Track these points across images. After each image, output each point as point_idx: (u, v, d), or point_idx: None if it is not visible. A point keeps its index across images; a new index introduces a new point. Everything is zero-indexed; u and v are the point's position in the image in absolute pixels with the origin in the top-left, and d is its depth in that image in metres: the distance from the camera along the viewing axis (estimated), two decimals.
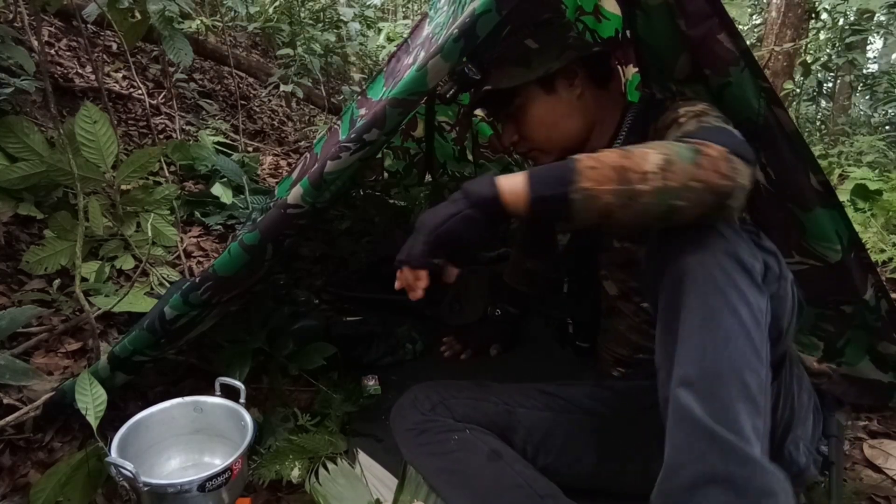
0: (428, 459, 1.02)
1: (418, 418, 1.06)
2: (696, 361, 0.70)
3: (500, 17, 0.87)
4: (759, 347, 0.72)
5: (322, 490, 1.06)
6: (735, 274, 0.73)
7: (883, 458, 1.18)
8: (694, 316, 0.72)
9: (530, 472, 0.98)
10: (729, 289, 0.72)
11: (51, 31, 2.73)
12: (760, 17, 7.79)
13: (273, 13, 3.68)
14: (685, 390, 0.69)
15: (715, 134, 0.81)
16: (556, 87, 1.05)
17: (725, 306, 0.71)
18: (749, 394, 0.69)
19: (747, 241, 0.78)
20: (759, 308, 0.74)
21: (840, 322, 1.14)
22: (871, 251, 2.22)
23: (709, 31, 0.92)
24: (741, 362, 0.70)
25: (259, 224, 1.02)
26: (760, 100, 0.95)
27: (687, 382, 0.70)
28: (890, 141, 4.68)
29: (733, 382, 0.68)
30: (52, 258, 1.51)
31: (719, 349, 0.70)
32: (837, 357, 1.19)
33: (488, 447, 1.00)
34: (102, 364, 1.09)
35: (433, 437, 1.03)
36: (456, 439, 1.01)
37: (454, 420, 1.05)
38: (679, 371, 0.71)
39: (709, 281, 0.72)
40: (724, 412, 0.67)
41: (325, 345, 1.41)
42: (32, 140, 1.55)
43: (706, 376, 0.69)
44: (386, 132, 0.96)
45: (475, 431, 1.03)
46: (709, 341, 0.70)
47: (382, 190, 2.33)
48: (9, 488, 1.02)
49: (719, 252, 0.74)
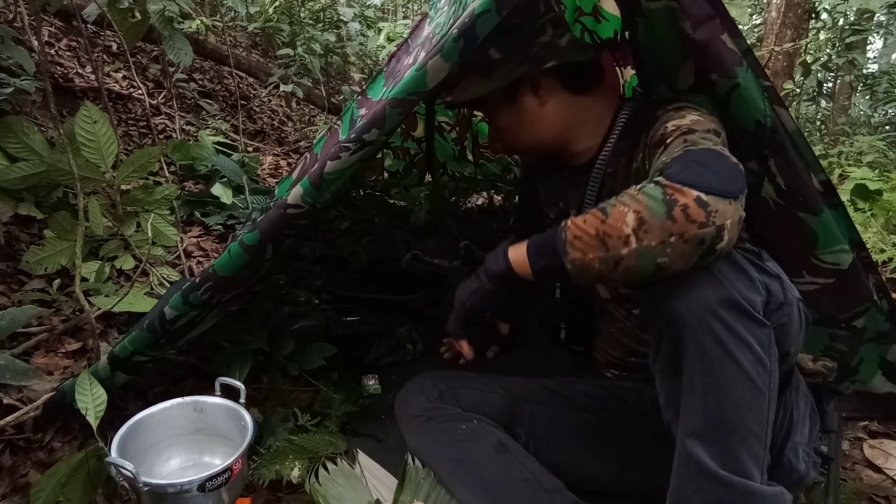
0: (434, 447, 1.02)
1: (425, 405, 1.06)
2: (700, 413, 0.74)
3: (500, 17, 0.86)
4: (762, 387, 0.75)
5: (322, 490, 1.06)
6: (733, 321, 0.73)
7: (883, 458, 1.18)
8: (694, 369, 0.75)
9: (536, 466, 0.99)
10: (728, 338, 0.73)
11: (51, 31, 2.73)
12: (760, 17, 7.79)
13: (273, 13, 3.68)
14: (692, 441, 0.74)
15: (694, 167, 0.79)
16: (517, 96, 1.05)
17: (726, 357, 0.73)
18: (752, 433, 0.74)
19: (747, 270, 0.77)
20: (762, 343, 0.75)
21: (853, 340, 1.12)
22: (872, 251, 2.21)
23: (713, 34, 0.92)
24: (743, 408, 0.73)
25: (259, 224, 1.02)
26: (765, 100, 0.95)
27: (694, 433, 0.75)
28: (890, 141, 4.69)
29: (737, 429, 0.73)
30: (52, 258, 1.51)
31: (721, 400, 0.73)
32: (852, 376, 1.17)
33: (496, 439, 1.00)
34: (102, 364, 1.09)
35: (440, 425, 1.03)
36: (464, 428, 1.01)
37: (462, 409, 1.05)
38: (686, 420, 0.76)
39: (707, 333, 0.73)
40: (729, 459, 0.73)
41: (326, 345, 1.41)
42: (32, 140, 1.55)
43: (711, 426, 0.74)
44: (386, 132, 0.95)
45: (483, 422, 1.03)
46: (710, 393, 0.74)
47: (382, 190, 2.33)
48: (9, 488, 1.02)
49: (715, 301, 0.74)
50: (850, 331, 1.11)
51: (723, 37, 0.92)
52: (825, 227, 1.02)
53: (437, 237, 2.14)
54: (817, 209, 1.01)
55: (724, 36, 0.92)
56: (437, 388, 1.09)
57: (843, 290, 1.07)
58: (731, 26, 0.93)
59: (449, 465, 1.00)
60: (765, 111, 0.95)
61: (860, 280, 1.07)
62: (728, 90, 0.95)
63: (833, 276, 1.06)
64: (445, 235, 2.13)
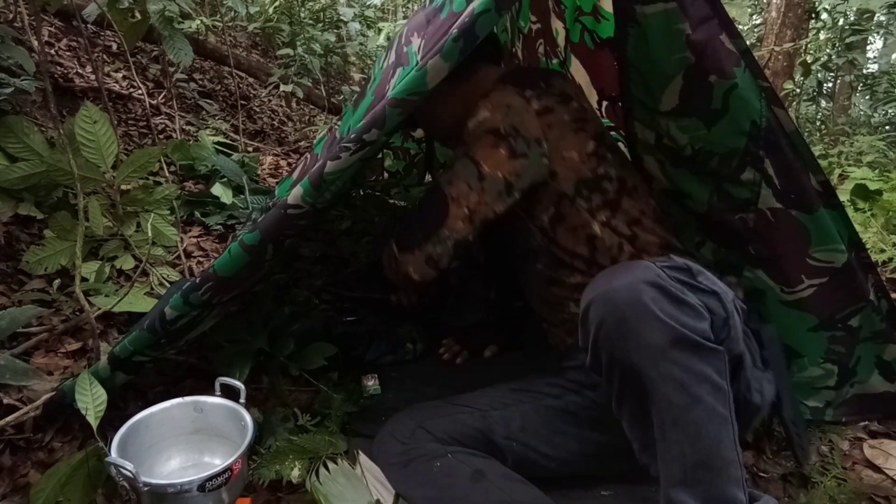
0: (416, 490, 1.01)
1: (399, 449, 1.05)
2: (678, 462, 0.78)
3: (500, 16, 0.87)
4: (724, 413, 0.79)
5: (322, 490, 1.06)
6: (688, 360, 0.77)
7: (883, 458, 1.18)
8: (663, 420, 0.79)
9: (515, 485, 0.98)
10: (688, 379, 0.77)
11: (51, 31, 2.73)
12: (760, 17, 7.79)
13: (273, 13, 3.68)
14: (676, 490, 0.78)
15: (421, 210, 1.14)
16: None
17: (690, 400, 0.77)
18: (728, 461, 0.78)
19: (686, 299, 0.80)
20: (718, 371, 0.79)
21: (850, 340, 1.13)
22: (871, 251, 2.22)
23: (712, 34, 0.92)
24: (716, 442, 0.78)
25: (259, 224, 1.02)
26: (761, 100, 0.95)
27: (677, 483, 0.78)
28: (890, 141, 4.68)
29: (715, 465, 0.77)
30: (52, 258, 1.51)
31: (694, 442, 0.77)
32: (851, 377, 1.17)
33: (471, 468, 1.00)
34: (102, 364, 1.09)
35: (417, 467, 1.02)
36: (438, 466, 1.00)
37: (436, 441, 1.05)
38: (667, 472, 0.80)
39: (667, 382, 0.77)
40: (715, 496, 0.77)
41: (326, 345, 1.41)
42: (32, 140, 1.55)
43: (691, 471, 0.77)
44: (386, 132, 0.96)
45: (458, 454, 1.02)
46: (683, 438, 0.78)
47: (382, 190, 2.33)
48: (9, 488, 1.02)
49: (665, 344, 0.76)
50: (846, 331, 1.12)
51: (721, 37, 0.92)
52: (819, 226, 1.03)
53: None
54: (811, 208, 1.01)
55: (722, 36, 0.92)
56: (407, 427, 1.08)
57: (837, 288, 1.08)
58: (730, 26, 0.93)
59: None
60: (761, 111, 0.95)
61: (855, 279, 1.07)
62: (726, 91, 0.95)
63: (826, 275, 1.07)
64: None
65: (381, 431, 1.12)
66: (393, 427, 1.10)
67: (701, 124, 1.01)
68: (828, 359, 1.15)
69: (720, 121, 0.98)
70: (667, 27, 0.95)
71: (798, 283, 1.08)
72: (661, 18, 0.95)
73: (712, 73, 0.94)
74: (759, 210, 1.05)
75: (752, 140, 0.98)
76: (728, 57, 0.92)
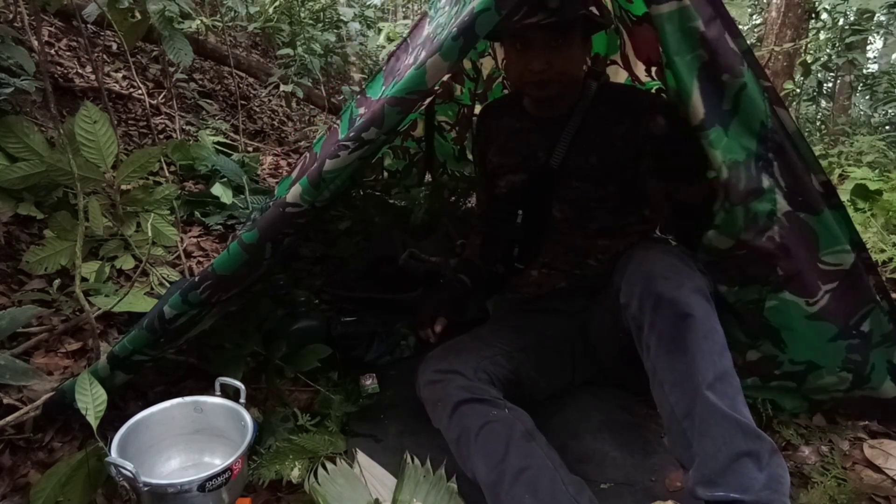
0: (467, 421, 1.05)
1: (464, 383, 1.10)
2: (711, 368, 0.94)
3: (500, 15, 0.86)
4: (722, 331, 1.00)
5: (321, 490, 1.06)
6: (708, 301, 1.01)
7: (883, 458, 1.18)
8: (708, 343, 0.97)
9: (558, 460, 1.02)
10: (711, 312, 1.00)
11: (51, 31, 2.73)
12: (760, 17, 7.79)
13: (273, 13, 3.68)
14: (709, 392, 0.92)
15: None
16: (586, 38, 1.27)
17: (715, 324, 0.99)
18: (736, 377, 0.96)
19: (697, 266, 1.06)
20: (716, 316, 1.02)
21: (864, 347, 1.12)
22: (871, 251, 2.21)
23: (719, 32, 0.91)
24: (729, 358, 0.98)
25: (258, 223, 1.02)
26: (765, 100, 0.95)
27: (709, 385, 0.92)
28: (890, 141, 4.68)
29: (729, 378, 0.95)
30: (52, 258, 1.51)
31: (717, 358, 0.96)
32: (865, 384, 1.16)
33: (524, 427, 1.05)
34: (102, 364, 1.09)
35: (474, 409, 1.07)
36: (495, 413, 1.06)
37: (494, 387, 1.13)
38: (702, 377, 0.93)
39: (702, 313, 0.98)
40: (734, 403, 0.92)
41: (321, 346, 1.41)
42: (32, 140, 1.56)
43: (718, 378, 0.93)
44: (385, 131, 0.95)
45: (514, 411, 1.08)
46: (716, 352, 0.96)
47: (382, 190, 2.33)
48: (9, 488, 1.02)
49: (694, 288, 1.00)
50: (860, 337, 1.10)
51: (725, 36, 0.92)
52: (825, 227, 1.02)
53: (435, 237, 2.15)
54: (817, 209, 1.00)
55: (725, 36, 0.92)
56: (470, 367, 1.14)
57: (847, 291, 1.07)
58: (732, 26, 0.93)
59: (477, 442, 1.03)
60: (765, 111, 0.95)
61: (863, 280, 1.06)
62: (737, 91, 0.94)
63: (837, 279, 1.06)
64: (443, 235, 2.14)
65: (434, 364, 1.17)
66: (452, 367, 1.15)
67: (722, 132, 0.96)
68: (844, 367, 1.13)
69: (732, 122, 0.96)
70: (682, 25, 0.93)
71: (817, 292, 1.06)
72: (675, 17, 0.92)
73: (725, 72, 0.93)
74: (779, 219, 1.01)
75: (761, 142, 0.97)
76: (734, 56, 0.92)
